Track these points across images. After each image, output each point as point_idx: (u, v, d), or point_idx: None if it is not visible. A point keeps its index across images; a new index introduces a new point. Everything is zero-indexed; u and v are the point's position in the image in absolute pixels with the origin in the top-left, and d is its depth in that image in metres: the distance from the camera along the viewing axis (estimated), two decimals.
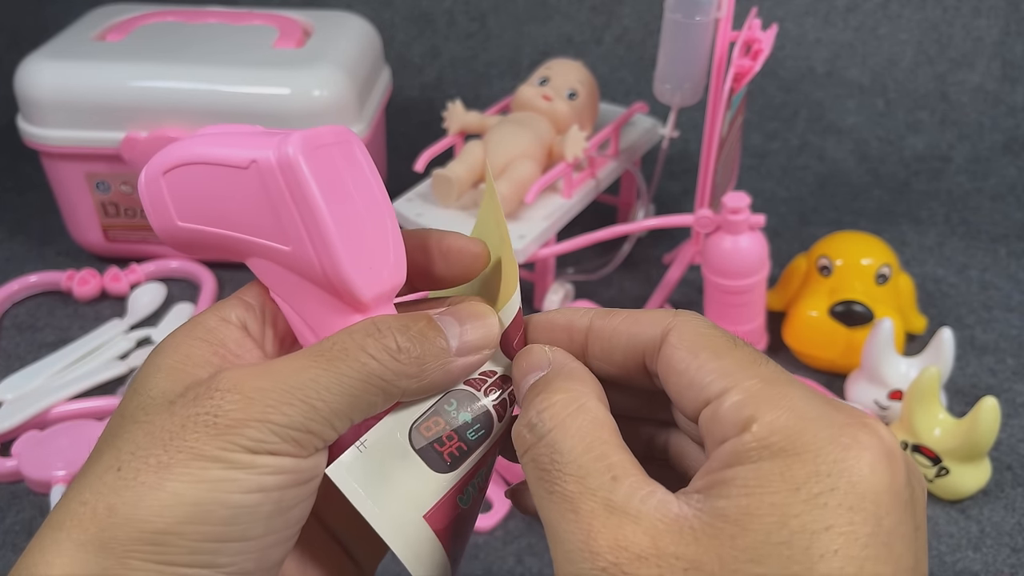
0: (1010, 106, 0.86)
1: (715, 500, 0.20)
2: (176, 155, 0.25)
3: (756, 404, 0.21)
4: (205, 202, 0.25)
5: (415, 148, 0.62)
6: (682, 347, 0.23)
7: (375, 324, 0.24)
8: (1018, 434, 0.53)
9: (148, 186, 0.26)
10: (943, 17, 0.88)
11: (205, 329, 0.25)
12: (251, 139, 0.25)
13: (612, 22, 0.93)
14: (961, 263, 0.69)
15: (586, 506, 0.21)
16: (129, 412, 0.23)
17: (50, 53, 0.62)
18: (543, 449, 0.22)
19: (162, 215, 0.26)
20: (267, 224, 0.25)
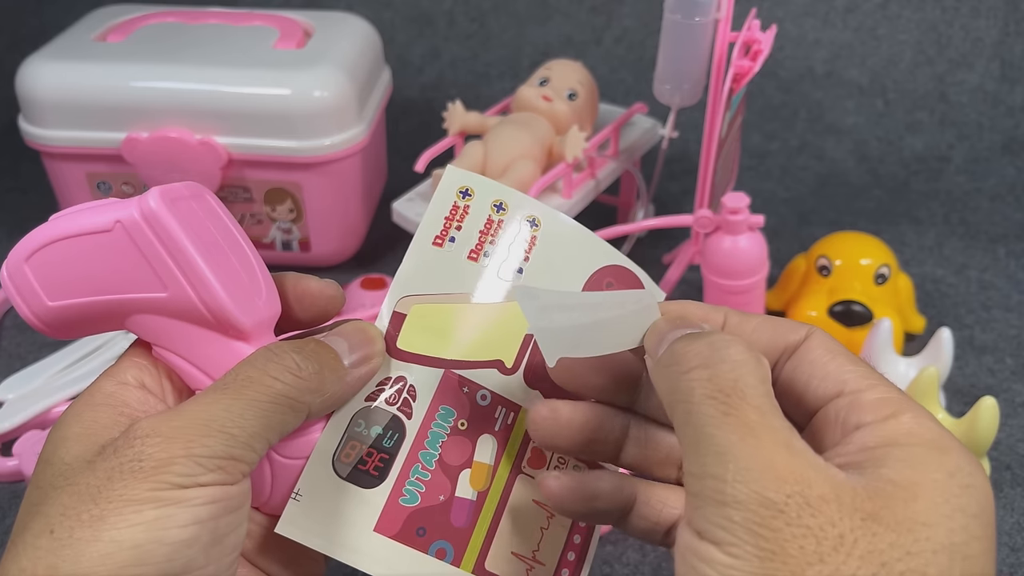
0: (1009, 106, 0.86)
1: (879, 468, 0.21)
2: (36, 239, 0.26)
3: (900, 402, 0.23)
4: (73, 275, 0.26)
5: (415, 148, 0.62)
6: (821, 348, 0.25)
7: (271, 350, 0.26)
8: (1017, 434, 0.53)
9: (12, 277, 0.26)
10: (942, 18, 0.88)
11: (104, 394, 0.26)
12: (106, 206, 0.26)
13: (612, 23, 0.93)
14: (960, 263, 0.69)
15: (768, 438, 0.21)
16: (47, 481, 0.24)
17: (51, 54, 0.62)
18: (727, 372, 0.23)
19: (31, 301, 0.26)
20: (140, 278, 0.26)
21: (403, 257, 0.31)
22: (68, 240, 0.26)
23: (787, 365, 0.26)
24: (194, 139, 0.60)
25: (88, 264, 0.26)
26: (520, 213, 0.33)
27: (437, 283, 0.31)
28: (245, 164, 0.61)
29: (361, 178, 0.65)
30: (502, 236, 0.32)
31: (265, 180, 0.62)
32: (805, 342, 0.26)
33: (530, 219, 0.33)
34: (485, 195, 0.33)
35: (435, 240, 0.31)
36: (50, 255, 0.26)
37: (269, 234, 0.65)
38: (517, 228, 0.32)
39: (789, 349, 0.26)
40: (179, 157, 0.60)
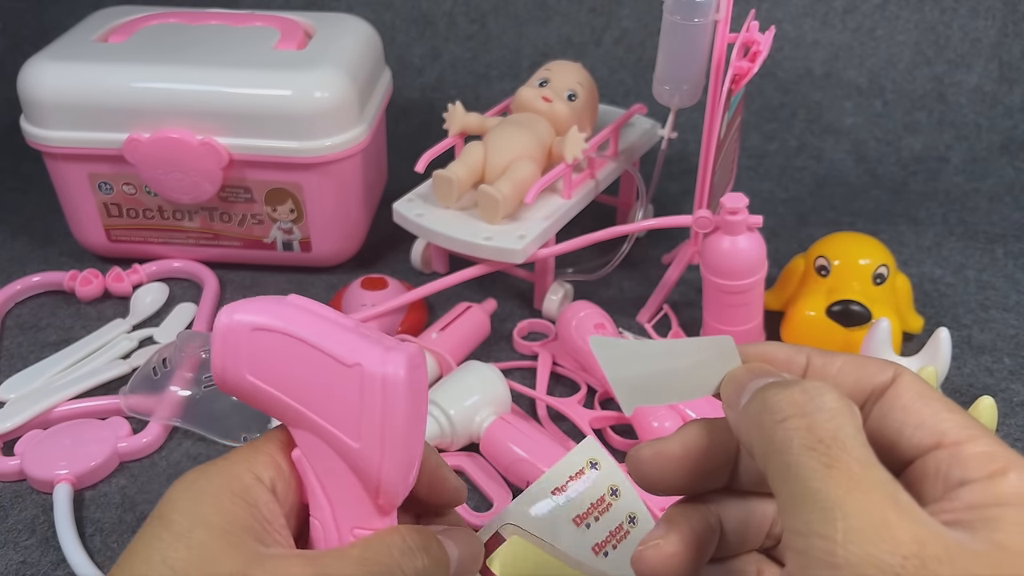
0: (1007, 107, 0.86)
1: (991, 532, 0.20)
2: (272, 320, 0.27)
3: (1006, 458, 0.22)
4: (285, 370, 0.27)
5: (416, 149, 0.62)
6: (912, 391, 0.24)
7: (407, 542, 0.27)
8: (1015, 433, 0.53)
9: (228, 333, 0.27)
10: (941, 18, 0.89)
11: (242, 486, 0.27)
12: (357, 338, 0.27)
13: (611, 24, 0.93)
14: (958, 263, 0.69)
15: (876, 493, 0.20)
16: (177, 565, 0.24)
17: (53, 55, 0.63)
18: (826, 421, 0.22)
19: (232, 362, 0.27)
20: (345, 417, 0.27)
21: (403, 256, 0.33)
22: (302, 343, 0.27)
23: (875, 409, 0.25)
24: (195, 140, 0.60)
25: (306, 373, 0.27)
26: (627, 508, 0.38)
27: (540, 527, 0.35)
28: (246, 164, 0.62)
29: (362, 179, 0.65)
30: (606, 517, 0.37)
31: (266, 180, 0.62)
32: (894, 385, 0.25)
33: (631, 516, 0.38)
34: (607, 475, 0.38)
35: (554, 490, 0.37)
36: (276, 341, 0.27)
37: (270, 234, 0.66)
38: (619, 518, 0.37)
39: (877, 392, 0.25)
40: (180, 157, 0.60)
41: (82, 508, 0.48)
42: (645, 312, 0.62)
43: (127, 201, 0.65)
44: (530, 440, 0.48)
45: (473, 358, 0.56)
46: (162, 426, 0.52)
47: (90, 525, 0.47)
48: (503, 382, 0.51)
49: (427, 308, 0.63)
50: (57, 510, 0.47)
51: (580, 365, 0.56)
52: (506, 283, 0.66)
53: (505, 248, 0.56)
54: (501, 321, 0.62)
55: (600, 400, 0.54)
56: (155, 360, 0.53)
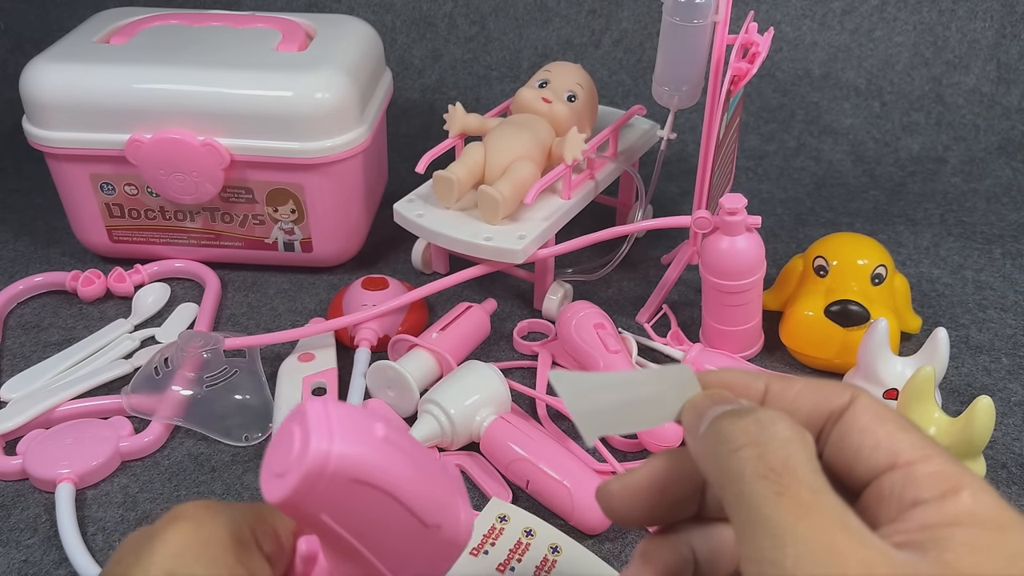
0: (1005, 108, 0.87)
1: (941, 553, 0.20)
2: (369, 471, 0.25)
3: (958, 477, 0.22)
4: (365, 520, 0.26)
5: (416, 150, 0.63)
6: (869, 413, 0.25)
7: None
8: (1013, 433, 0.53)
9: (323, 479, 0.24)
10: (939, 20, 0.89)
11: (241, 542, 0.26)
12: (443, 492, 0.27)
13: (611, 25, 0.93)
14: (956, 263, 0.70)
15: (825, 519, 0.21)
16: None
17: (55, 56, 0.63)
18: (777, 449, 0.22)
19: (313, 503, 0.24)
20: (405, 567, 0.27)
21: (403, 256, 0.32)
22: (390, 498, 0.25)
23: (834, 433, 0.25)
24: (197, 140, 0.60)
25: (384, 523, 0.26)
26: (546, 540, 0.42)
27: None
28: (247, 165, 0.62)
29: (363, 179, 0.66)
30: (528, 556, 0.41)
31: (267, 181, 0.63)
32: (851, 407, 0.25)
33: (553, 546, 0.42)
34: (518, 522, 0.42)
35: (472, 551, 0.40)
36: (368, 494, 0.25)
37: (271, 235, 0.66)
38: (541, 552, 0.41)
39: (834, 415, 0.25)
40: (182, 158, 0.61)
41: (84, 507, 0.48)
42: (645, 312, 0.62)
43: (129, 202, 0.65)
44: (530, 440, 0.48)
45: (473, 358, 0.56)
46: (164, 425, 0.52)
47: (92, 524, 0.47)
48: (503, 382, 0.51)
49: (427, 308, 0.63)
50: (59, 509, 0.47)
51: (580, 365, 0.56)
52: (506, 283, 0.67)
53: (505, 248, 0.57)
54: (501, 321, 0.62)
55: None
56: (157, 360, 0.54)
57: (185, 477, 0.50)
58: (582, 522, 0.46)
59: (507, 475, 0.49)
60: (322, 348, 0.58)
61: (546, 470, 0.47)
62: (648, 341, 0.59)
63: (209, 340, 0.54)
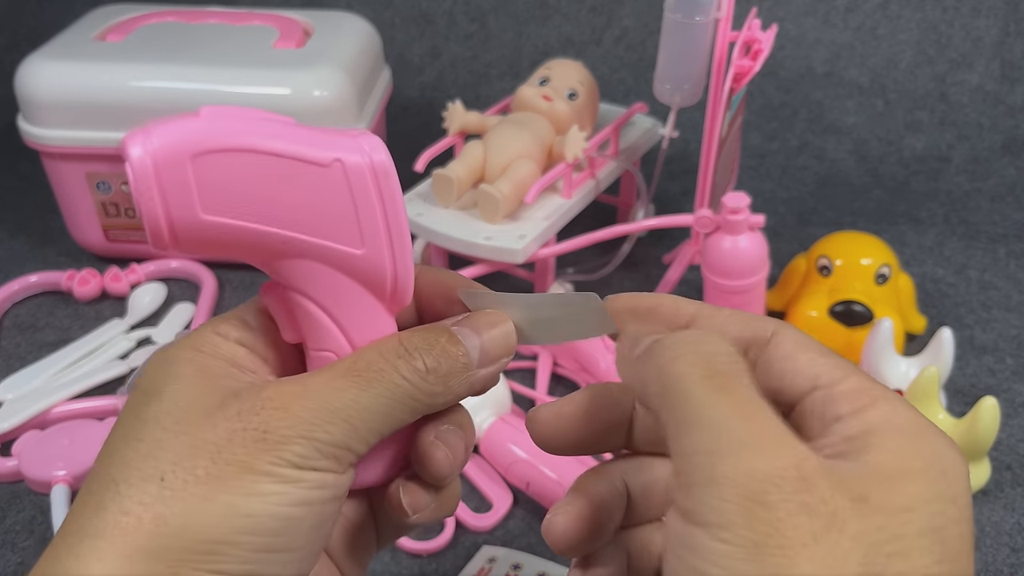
0: (1009, 106, 0.86)
1: (862, 455, 0.21)
2: (212, 138, 0.22)
3: (874, 391, 0.23)
4: (254, 195, 0.23)
5: (415, 148, 0.62)
6: (791, 342, 0.25)
7: (403, 345, 0.25)
8: (1017, 434, 0.53)
9: (162, 169, 0.22)
10: (942, 17, 0.88)
11: (211, 344, 0.26)
12: (316, 134, 0.23)
13: (612, 22, 0.93)
14: (960, 263, 0.69)
15: (762, 416, 0.21)
16: (152, 416, 0.23)
17: (50, 53, 0.62)
18: (722, 356, 0.23)
19: (178, 204, 0.22)
20: (337, 227, 0.24)
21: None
22: (259, 155, 0.22)
23: (760, 361, 0.26)
24: None
25: (277, 190, 0.22)
26: (534, 570, 0.43)
27: None
28: None
29: None
30: None
31: None
32: (774, 337, 0.25)
33: (540, 574, 0.43)
34: (505, 560, 0.43)
35: None
36: (228, 161, 0.22)
37: None
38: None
39: (759, 343, 0.26)
40: None
41: None
42: None
43: (125, 200, 0.64)
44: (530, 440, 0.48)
45: None
46: None
47: None
48: (503, 382, 0.51)
49: None
50: (55, 511, 0.46)
51: (580, 365, 0.56)
52: (506, 283, 0.66)
53: (505, 248, 0.56)
54: None
55: None
56: None
57: None
58: None
59: (507, 477, 0.49)
60: None
61: (547, 472, 0.46)
62: None
63: None
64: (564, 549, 0.27)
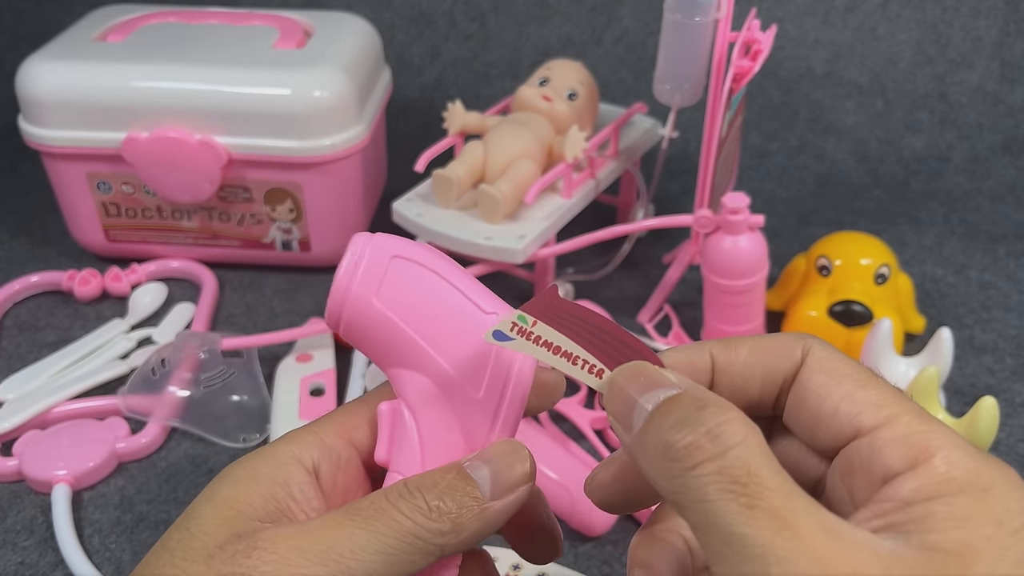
0: (1009, 106, 0.86)
1: (925, 535, 0.19)
2: (419, 253, 0.26)
3: (927, 438, 0.21)
4: (420, 307, 0.25)
5: (415, 148, 0.62)
6: (822, 372, 0.23)
7: (406, 485, 0.24)
8: (1017, 434, 0.53)
9: (371, 253, 0.25)
10: (942, 17, 0.88)
11: (274, 465, 0.25)
12: (492, 295, 0.26)
13: (612, 23, 0.93)
14: (960, 263, 0.69)
15: (803, 525, 0.19)
16: (172, 547, 0.23)
17: (51, 54, 0.62)
18: (737, 458, 0.20)
19: (363, 284, 0.25)
20: (469, 364, 0.25)
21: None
22: (440, 279, 0.26)
23: (790, 398, 0.24)
24: (194, 139, 0.60)
25: (440, 311, 0.25)
26: (534, 571, 0.43)
27: None
28: (245, 164, 0.61)
29: (361, 178, 0.65)
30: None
31: (265, 180, 0.62)
32: (803, 367, 0.24)
33: (540, 574, 0.43)
34: (506, 560, 0.43)
35: None
36: (416, 273, 0.25)
37: (269, 234, 0.65)
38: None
39: (788, 380, 0.24)
40: (179, 157, 0.60)
41: (80, 509, 0.48)
42: (646, 312, 0.62)
43: (125, 201, 0.64)
44: (530, 441, 0.48)
45: None
46: (161, 427, 0.52)
47: (88, 526, 0.47)
48: None
49: None
50: (55, 511, 0.46)
51: None
52: (506, 283, 0.66)
53: (505, 248, 0.56)
54: None
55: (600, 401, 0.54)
56: (154, 360, 0.53)
57: (182, 479, 0.50)
58: (582, 524, 0.45)
59: None
60: (320, 349, 0.57)
61: (546, 472, 0.46)
62: (650, 341, 0.59)
63: (206, 340, 0.54)
64: None
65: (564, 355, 0.25)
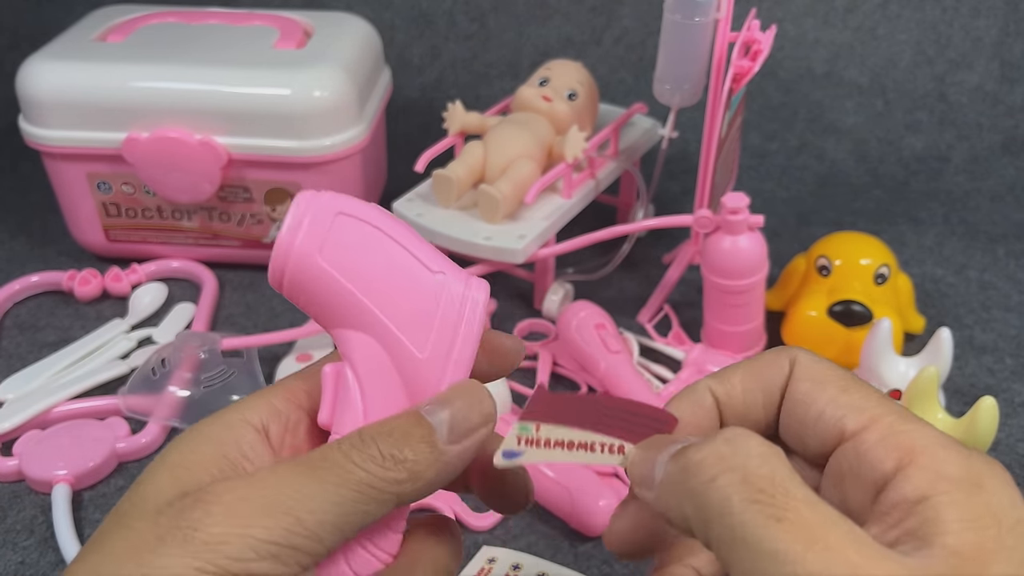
0: (1009, 106, 0.86)
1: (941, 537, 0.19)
2: (365, 211, 0.25)
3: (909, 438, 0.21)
4: (364, 265, 0.25)
5: (415, 148, 0.62)
6: (807, 381, 0.23)
7: (359, 434, 0.24)
8: (1016, 434, 0.53)
9: (313, 211, 0.25)
10: (942, 18, 0.88)
11: (223, 426, 0.25)
12: (441, 255, 0.26)
13: (612, 23, 0.93)
14: (960, 263, 0.69)
15: (833, 537, 0.19)
16: (124, 510, 0.23)
17: (51, 54, 0.62)
18: (760, 467, 0.20)
19: (306, 242, 0.25)
20: (415, 324, 0.25)
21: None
22: (387, 238, 0.25)
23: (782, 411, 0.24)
24: (194, 139, 0.60)
25: (384, 270, 0.25)
26: (534, 569, 0.42)
27: None
28: (245, 164, 0.61)
29: (361, 178, 0.65)
30: None
31: (265, 180, 0.62)
32: (791, 379, 0.24)
33: (540, 574, 0.42)
34: (505, 560, 0.43)
35: None
36: (360, 231, 0.25)
37: (269, 234, 0.65)
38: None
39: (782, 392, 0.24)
40: (179, 157, 0.60)
41: (81, 508, 0.48)
42: (646, 312, 0.62)
43: (126, 201, 0.64)
44: None
45: None
46: (161, 426, 0.52)
47: (89, 526, 0.47)
48: (503, 382, 0.51)
49: None
50: (56, 510, 0.46)
51: (580, 365, 0.56)
52: (506, 283, 0.66)
53: (505, 248, 0.56)
54: (501, 321, 0.62)
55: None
56: (154, 360, 0.53)
57: None
58: (582, 524, 0.45)
59: None
60: (320, 348, 0.57)
61: (546, 471, 0.46)
62: (649, 341, 0.59)
63: (206, 340, 0.54)
64: None
65: (580, 447, 0.24)
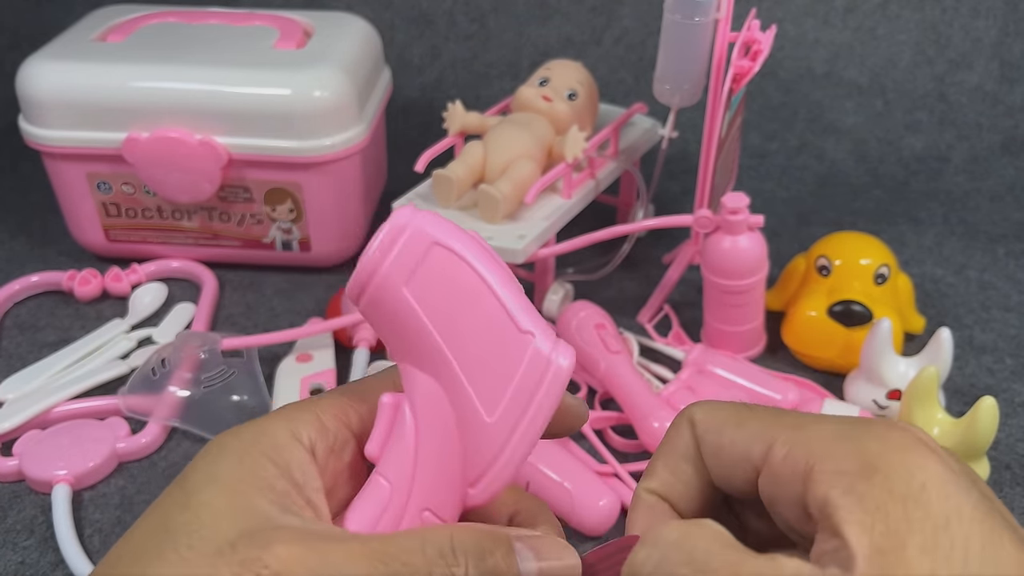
0: (1008, 106, 0.86)
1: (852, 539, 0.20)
2: (464, 245, 0.23)
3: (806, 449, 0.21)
4: (449, 307, 0.23)
5: (415, 148, 0.62)
6: (708, 432, 0.23)
7: (452, 543, 0.23)
8: (1016, 434, 0.53)
9: (410, 236, 0.23)
10: (942, 18, 0.88)
11: (274, 445, 0.24)
12: (533, 312, 0.24)
13: (612, 23, 0.93)
14: (960, 263, 0.69)
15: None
16: (175, 524, 0.22)
17: (51, 54, 0.62)
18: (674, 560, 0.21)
19: (395, 267, 0.23)
20: (490, 383, 0.23)
21: None
22: (478, 279, 0.23)
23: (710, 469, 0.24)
24: (194, 139, 0.60)
25: (470, 317, 0.23)
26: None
27: None
28: (245, 164, 0.61)
29: (361, 178, 0.65)
30: None
31: (265, 180, 0.62)
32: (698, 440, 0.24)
33: None
34: None
35: None
36: (454, 268, 0.23)
37: (269, 234, 0.65)
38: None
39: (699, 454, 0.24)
40: (179, 157, 0.60)
41: (81, 509, 0.48)
42: (646, 312, 0.62)
43: (126, 201, 0.64)
44: None
45: None
46: (161, 427, 0.52)
47: (89, 526, 0.47)
48: None
49: None
50: (56, 511, 0.46)
51: (580, 365, 0.56)
52: None
53: (505, 248, 0.56)
54: None
55: (600, 401, 0.54)
56: (154, 360, 0.53)
57: None
58: (582, 523, 0.45)
59: None
60: (320, 348, 0.57)
61: (546, 471, 0.46)
62: (649, 341, 0.59)
63: (206, 340, 0.54)
64: None
65: None
